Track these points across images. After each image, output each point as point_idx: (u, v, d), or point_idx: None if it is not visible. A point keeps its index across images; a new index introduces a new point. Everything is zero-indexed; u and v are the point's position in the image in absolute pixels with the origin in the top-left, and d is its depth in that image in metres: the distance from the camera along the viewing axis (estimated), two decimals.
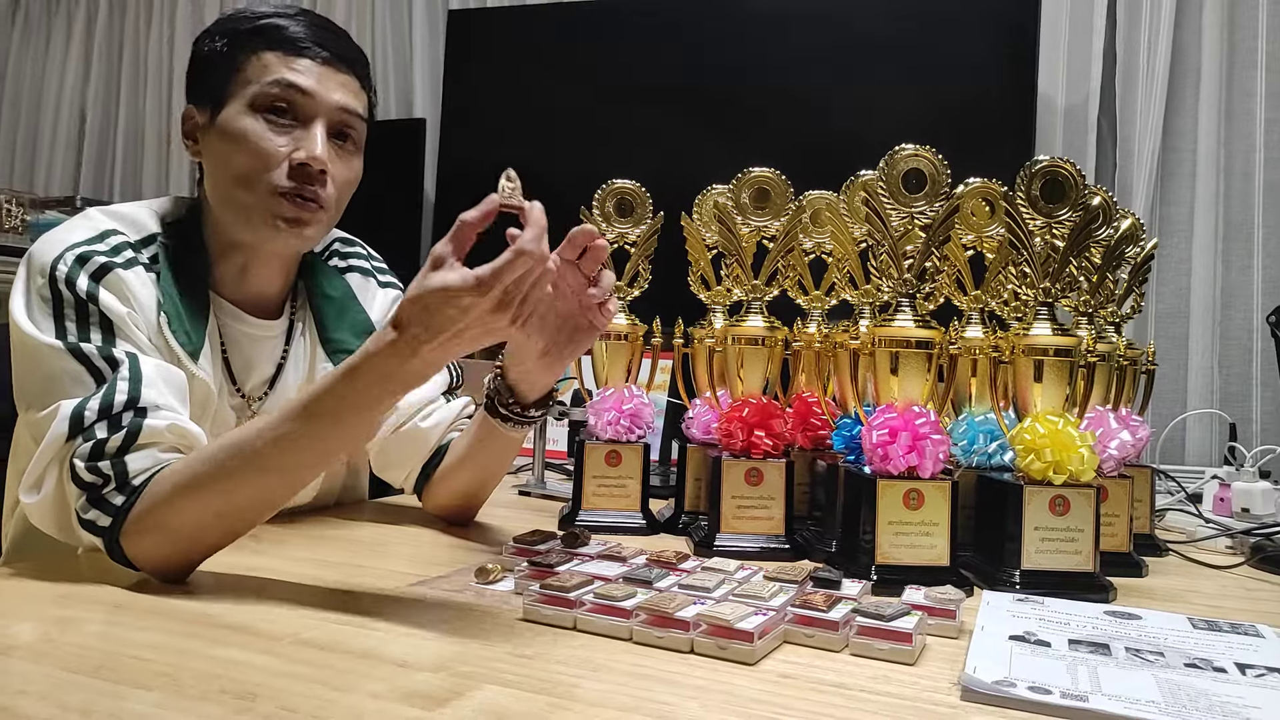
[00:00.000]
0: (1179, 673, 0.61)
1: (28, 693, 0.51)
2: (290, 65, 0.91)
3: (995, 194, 1.02)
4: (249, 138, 0.90)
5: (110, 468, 0.77)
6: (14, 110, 3.42)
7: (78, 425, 0.79)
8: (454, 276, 0.70)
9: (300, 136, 0.91)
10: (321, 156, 0.91)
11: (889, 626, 0.64)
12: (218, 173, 0.93)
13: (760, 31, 2.15)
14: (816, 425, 1.11)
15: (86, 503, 0.77)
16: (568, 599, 0.69)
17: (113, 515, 0.76)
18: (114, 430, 0.79)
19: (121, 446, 0.78)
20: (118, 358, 0.83)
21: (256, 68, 0.91)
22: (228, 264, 0.98)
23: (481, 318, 0.71)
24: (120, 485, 0.77)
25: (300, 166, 0.90)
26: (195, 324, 0.92)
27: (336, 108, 0.93)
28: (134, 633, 0.63)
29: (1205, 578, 0.99)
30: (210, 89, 0.93)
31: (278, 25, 0.93)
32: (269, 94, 0.90)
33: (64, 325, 0.84)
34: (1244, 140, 2.00)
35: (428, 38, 2.78)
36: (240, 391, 1.00)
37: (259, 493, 0.77)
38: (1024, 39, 1.96)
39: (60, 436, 0.79)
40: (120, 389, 0.81)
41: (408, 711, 0.51)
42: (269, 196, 0.90)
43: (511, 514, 1.21)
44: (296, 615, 0.68)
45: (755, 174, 1.05)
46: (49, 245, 0.88)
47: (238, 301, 0.99)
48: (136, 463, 0.78)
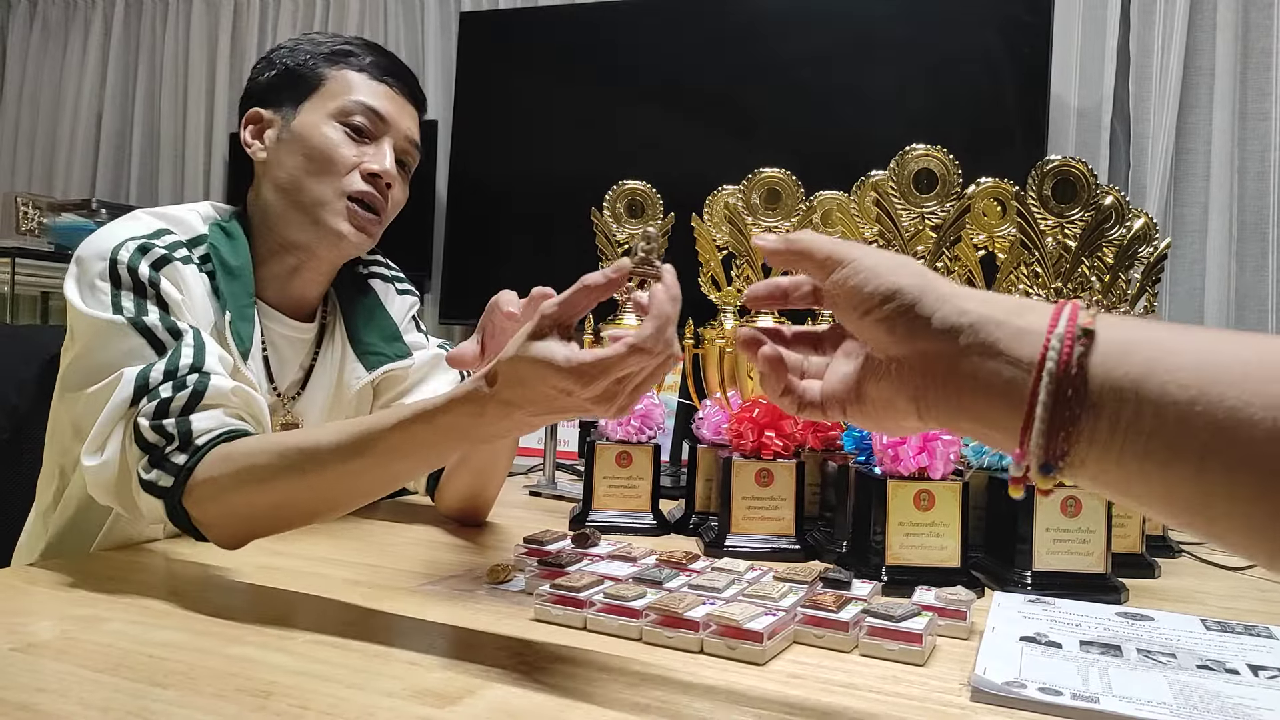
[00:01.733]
0: (1191, 674, 0.60)
1: (47, 690, 0.52)
2: (372, 89, 1.00)
3: (1007, 194, 1.02)
4: (329, 142, 0.97)
5: (174, 426, 0.78)
6: (32, 113, 3.45)
7: (143, 389, 0.79)
8: (558, 355, 0.61)
9: (372, 152, 0.99)
10: (392, 170, 0.99)
11: (899, 627, 0.64)
12: (289, 171, 0.97)
13: (772, 32, 2.15)
14: (827, 426, 1.11)
15: (149, 463, 0.77)
16: (578, 599, 0.69)
17: (174, 475, 0.76)
18: (179, 390, 0.79)
19: (186, 405, 0.79)
20: (181, 329, 0.84)
21: (341, 83, 0.99)
22: (277, 266, 1.01)
23: (582, 404, 0.62)
24: (183, 445, 0.77)
25: (372, 176, 0.98)
26: (245, 324, 0.94)
27: (404, 136, 1.02)
28: (151, 631, 0.63)
29: (1218, 579, 0.98)
30: (290, 96, 0.99)
31: (361, 51, 1.02)
32: (351, 110, 0.98)
33: (122, 303, 0.85)
34: (1258, 140, 1.99)
35: (440, 40, 2.79)
36: (277, 391, 1.02)
37: (315, 501, 0.76)
38: (1037, 39, 1.95)
39: (125, 400, 0.79)
40: (185, 354, 0.82)
41: (420, 709, 0.51)
42: (339, 199, 0.96)
43: (522, 514, 1.22)
44: (311, 614, 0.69)
45: (766, 174, 1.05)
46: (106, 237, 0.89)
47: (277, 305, 1.02)
48: (201, 423, 0.79)
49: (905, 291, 0.46)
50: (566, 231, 1.65)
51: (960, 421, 0.46)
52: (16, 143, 3.46)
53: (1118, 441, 0.39)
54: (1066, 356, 0.40)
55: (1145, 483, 0.39)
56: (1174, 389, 0.37)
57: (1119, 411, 0.39)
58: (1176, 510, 0.39)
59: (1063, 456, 0.40)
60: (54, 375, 0.91)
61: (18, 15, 3.52)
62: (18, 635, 0.61)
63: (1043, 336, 0.41)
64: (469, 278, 2.42)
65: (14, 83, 3.50)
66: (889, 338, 0.47)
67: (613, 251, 1.14)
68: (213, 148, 3.20)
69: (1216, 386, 0.36)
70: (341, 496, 0.76)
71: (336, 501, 0.76)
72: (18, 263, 2.71)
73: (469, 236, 2.43)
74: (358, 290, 1.11)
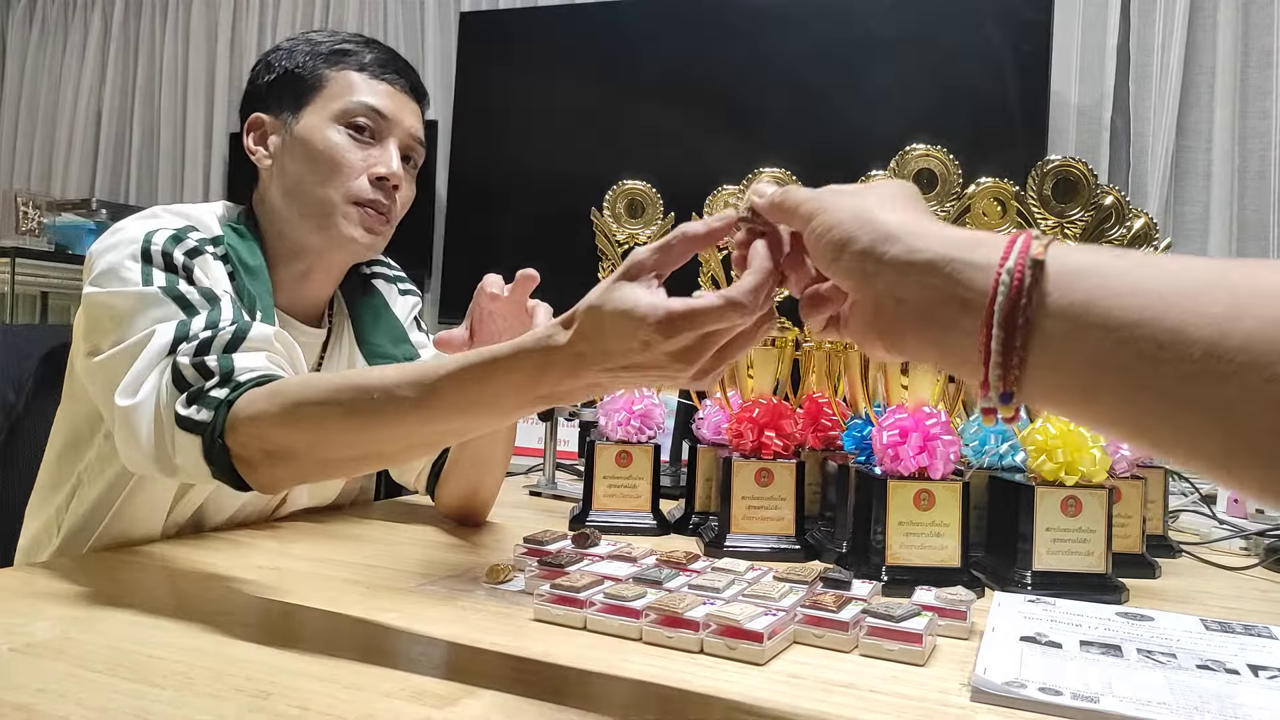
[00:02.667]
0: (1191, 674, 0.60)
1: (46, 691, 0.52)
2: (373, 88, 0.99)
3: (1007, 194, 1.02)
4: (334, 148, 0.96)
5: (216, 363, 0.75)
6: (31, 113, 3.45)
7: (183, 336, 0.77)
8: (644, 301, 0.55)
9: (377, 154, 0.98)
10: (398, 173, 0.98)
11: (899, 627, 0.64)
12: (295, 178, 0.97)
13: (772, 30, 2.15)
14: (827, 426, 1.11)
15: (187, 400, 0.74)
16: (578, 599, 0.69)
17: (214, 409, 0.72)
18: (220, 333, 0.78)
19: (230, 344, 0.77)
20: (217, 294, 0.84)
21: (341, 84, 0.98)
22: (286, 270, 1.00)
23: (660, 360, 0.56)
24: (224, 381, 0.74)
25: (380, 180, 0.97)
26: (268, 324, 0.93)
27: (408, 133, 1.01)
28: (150, 632, 0.63)
29: (1219, 579, 0.98)
30: (291, 100, 0.98)
31: (360, 50, 1.01)
32: (353, 112, 0.97)
33: (153, 278, 0.83)
34: (1259, 139, 1.98)
35: (440, 39, 2.79)
36: None
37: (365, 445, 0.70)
38: (1037, 37, 1.95)
39: (164, 346, 0.77)
40: (225, 311, 0.81)
41: (418, 710, 0.51)
42: (346, 204, 0.96)
43: (522, 514, 1.22)
44: (310, 615, 0.69)
45: (766, 174, 1.05)
46: (133, 230, 0.87)
47: (287, 309, 1.02)
48: (244, 360, 0.76)
49: (857, 239, 0.47)
50: (566, 231, 1.65)
51: (928, 356, 0.47)
52: (16, 142, 3.46)
53: (1070, 366, 0.40)
54: (1017, 287, 0.41)
55: (1098, 405, 0.40)
56: (1118, 313, 0.38)
57: (1068, 338, 0.40)
58: (1128, 432, 0.41)
59: (1017, 383, 0.42)
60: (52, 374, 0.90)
61: (17, 14, 3.51)
62: (16, 635, 0.61)
63: (994, 270, 0.42)
64: (469, 277, 2.41)
65: (13, 82, 3.50)
66: (852, 282, 0.48)
67: (613, 251, 1.14)
68: (212, 146, 3.20)
69: (1156, 309, 0.37)
70: (391, 445, 0.70)
71: (385, 450, 0.71)
72: (17, 262, 2.72)
73: (469, 236, 2.43)
74: (364, 292, 1.11)
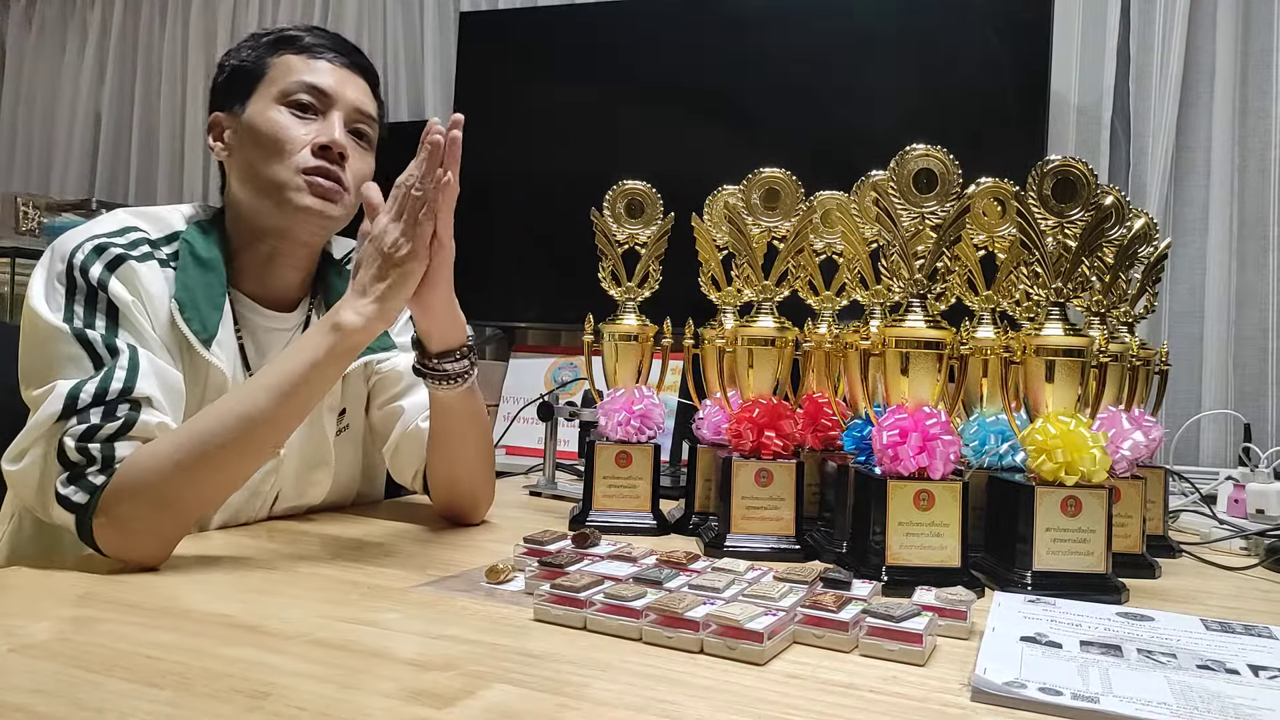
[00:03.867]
0: (1191, 674, 0.60)
1: (43, 691, 0.52)
2: (311, 67, 1.03)
3: (1007, 194, 1.02)
4: (276, 126, 0.99)
5: (99, 451, 0.82)
6: (30, 113, 3.45)
7: (72, 406, 0.83)
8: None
9: (321, 126, 1.01)
10: (341, 141, 1.01)
11: (899, 627, 0.64)
12: (246, 162, 1.01)
13: (772, 31, 2.15)
14: (827, 426, 1.11)
15: (67, 479, 0.81)
16: (578, 599, 0.69)
17: (89, 493, 0.80)
18: (108, 419, 0.83)
19: (114, 435, 0.82)
20: (118, 347, 0.87)
21: (280, 69, 1.02)
22: (252, 255, 1.04)
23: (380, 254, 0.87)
24: (104, 468, 0.81)
25: (323, 149, 0.99)
26: (211, 313, 0.97)
27: (352, 107, 1.04)
28: (147, 632, 0.63)
29: (1219, 579, 0.98)
30: (239, 92, 1.02)
31: (299, 35, 1.05)
32: (291, 90, 1.01)
33: (73, 309, 0.89)
34: (1259, 138, 1.98)
35: (439, 40, 2.79)
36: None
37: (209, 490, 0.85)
38: (1037, 37, 1.95)
39: (53, 415, 0.83)
40: (117, 376, 0.85)
41: (417, 710, 0.51)
42: (295, 175, 0.98)
43: (522, 514, 1.22)
44: (307, 614, 0.69)
45: (766, 174, 1.05)
46: (72, 236, 0.93)
47: (256, 295, 1.05)
48: (124, 450, 0.83)
49: None
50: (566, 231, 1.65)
51: None
52: (15, 142, 3.46)
53: None
54: None
55: None
56: None
57: None
58: None
59: None
60: None
61: (16, 14, 3.51)
62: (14, 636, 0.61)
63: None
64: (468, 277, 2.41)
65: (12, 82, 3.50)
66: None
67: (613, 251, 1.14)
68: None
69: None
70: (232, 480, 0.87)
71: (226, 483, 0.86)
72: (17, 262, 2.71)
73: (468, 236, 2.42)
74: (342, 282, 1.11)
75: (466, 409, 1.03)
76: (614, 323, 1.13)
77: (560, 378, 2.26)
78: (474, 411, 1.04)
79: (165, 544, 0.82)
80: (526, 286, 2.29)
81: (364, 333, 0.88)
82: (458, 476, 1.08)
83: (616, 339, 1.12)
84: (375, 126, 1.07)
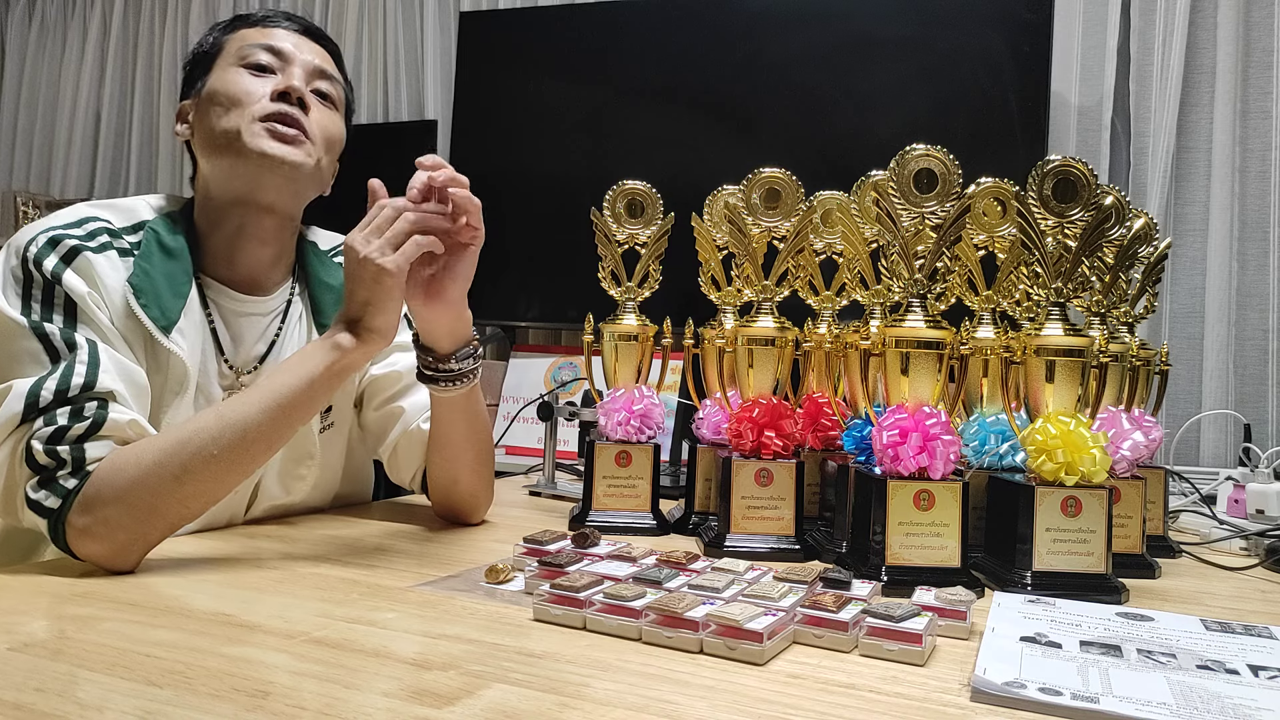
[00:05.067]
0: (1191, 675, 0.60)
1: (44, 690, 0.52)
2: (266, 34, 1.02)
3: (1007, 194, 1.02)
4: (232, 83, 0.98)
5: (69, 453, 0.80)
6: (30, 112, 3.45)
7: (33, 407, 0.81)
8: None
9: (278, 79, 1.00)
10: (300, 87, 0.99)
11: (899, 627, 0.64)
12: (205, 127, 1.00)
13: (772, 31, 2.15)
14: (827, 426, 1.11)
15: (38, 484, 0.79)
16: (577, 599, 0.69)
17: (62, 497, 0.79)
18: (76, 419, 0.81)
19: (83, 435, 0.81)
20: (77, 341, 0.85)
21: (236, 42, 1.02)
22: (219, 236, 1.02)
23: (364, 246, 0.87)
24: (75, 470, 0.80)
25: (280, 95, 0.98)
26: (171, 300, 0.94)
27: (311, 64, 1.03)
28: (147, 630, 0.63)
29: (1219, 579, 0.98)
30: (200, 73, 1.03)
31: (254, 13, 1.06)
32: (248, 53, 1.00)
33: (30, 304, 0.86)
34: (1260, 139, 1.98)
35: (439, 40, 2.79)
36: (229, 364, 1.02)
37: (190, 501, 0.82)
38: (1037, 37, 1.95)
39: (15, 416, 0.81)
40: (77, 371, 0.83)
41: (417, 710, 0.51)
42: (252, 123, 0.96)
43: (522, 514, 1.22)
44: (308, 614, 0.69)
45: (766, 174, 1.05)
46: (28, 230, 0.91)
47: (228, 279, 1.02)
48: (95, 450, 0.81)
49: None
50: (566, 231, 1.65)
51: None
52: (15, 141, 3.46)
53: None
54: None
55: None
56: None
57: None
58: None
59: None
60: None
61: (16, 14, 3.51)
62: (14, 635, 0.61)
63: None
64: None
65: (12, 81, 3.50)
66: None
67: (613, 251, 1.14)
68: None
69: None
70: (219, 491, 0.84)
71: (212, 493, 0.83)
72: None
73: None
74: (329, 275, 1.11)
75: (468, 410, 1.03)
76: (614, 322, 1.13)
77: (560, 377, 2.26)
78: (475, 413, 1.04)
79: (142, 550, 0.80)
80: (527, 286, 2.28)
81: (359, 354, 0.89)
82: (458, 478, 1.07)
83: (616, 339, 1.12)
84: (340, 86, 1.06)
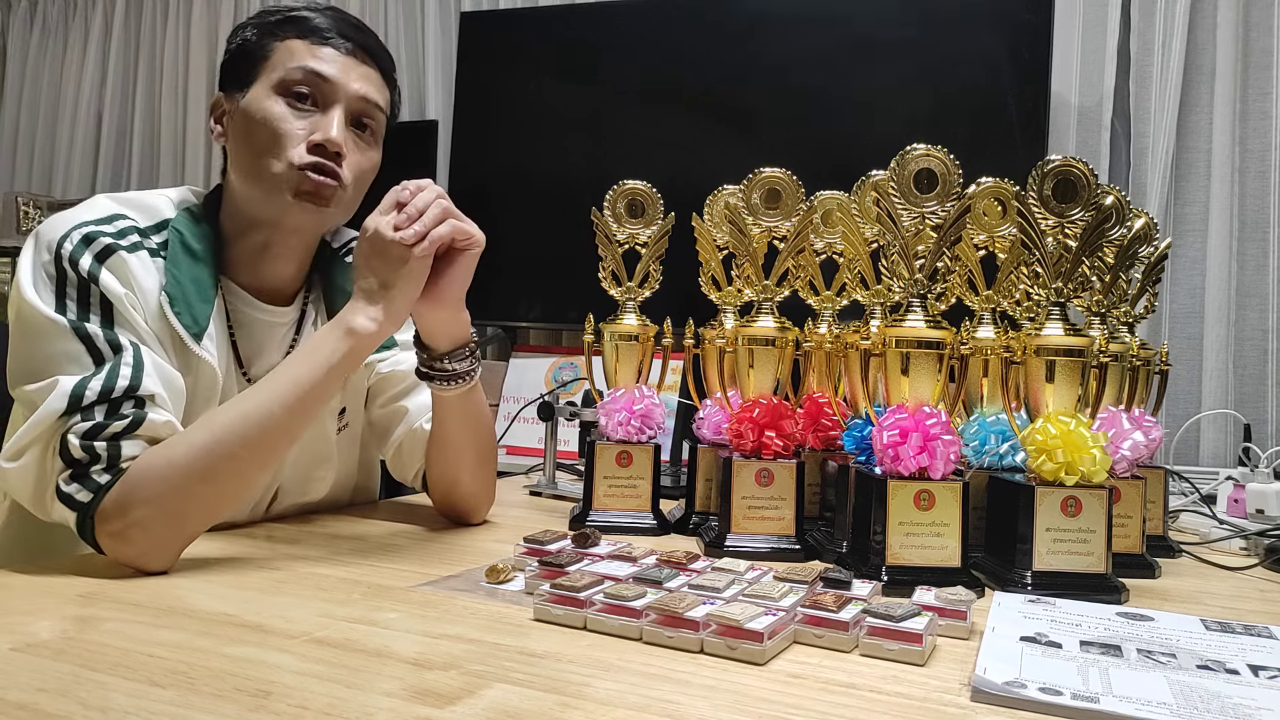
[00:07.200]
0: (1191, 674, 0.60)
1: (47, 690, 0.52)
2: (314, 53, 0.97)
3: (1007, 194, 1.02)
4: (271, 118, 0.94)
5: (105, 449, 0.80)
6: (32, 113, 3.45)
7: (76, 403, 0.80)
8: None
9: (319, 121, 0.96)
10: (337, 139, 0.95)
11: (899, 627, 0.64)
12: (242, 150, 0.97)
13: (771, 32, 2.15)
14: (827, 426, 1.11)
15: (70, 477, 0.79)
16: (578, 599, 0.69)
17: (94, 492, 0.79)
18: (113, 417, 0.81)
19: (120, 433, 0.80)
20: (121, 343, 0.85)
21: (283, 53, 0.97)
22: (245, 245, 1.00)
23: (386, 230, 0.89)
24: (109, 466, 0.80)
25: (317, 147, 0.95)
26: (201, 306, 0.93)
27: (356, 96, 0.98)
28: (151, 631, 0.63)
29: (1219, 579, 0.98)
30: (240, 75, 0.98)
31: (306, 16, 0.99)
32: (292, 79, 0.95)
33: (65, 303, 0.85)
34: (1259, 139, 1.98)
35: (440, 40, 2.79)
36: (247, 375, 1.01)
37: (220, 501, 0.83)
38: (1037, 37, 1.95)
39: (56, 411, 0.80)
40: (123, 374, 0.83)
41: (419, 709, 0.51)
42: (289, 170, 0.94)
43: (522, 514, 1.22)
44: (310, 614, 0.69)
45: (766, 174, 1.05)
46: (58, 223, 0.89)
47: (250, 287, 1.01)
48: (130, 449, 0.81)
49: None
50: (566, 231, 1.65)
51: None
52: (17, 143, 3.46)
53: None
54: None
55: None
56: None
57: None
58: None
59: None
60: None
61: (18, 15, 3.51)
62: (17, 635, 0.61)
63: None
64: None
65: (14, 83, 3.50)
66: None
67: (613, 251, 1.14)
68: (213, 147, 3.20)
69: None
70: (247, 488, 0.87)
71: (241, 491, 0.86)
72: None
73: None
74: (344, 278, 1.09)
75: (469, 410, 1.03)
76: (614, 323, 1.13)
77: (561, 377, 2.26)
78: (477, 412, 1.04)
79: (176, 552, 0.80)
80: (527, 286, 2.28)
81: (375, 337, 0.89)
82: (459, 478, 1.07)
83: (617, 339, 1.12)
84: (382, 117, 1.02)
